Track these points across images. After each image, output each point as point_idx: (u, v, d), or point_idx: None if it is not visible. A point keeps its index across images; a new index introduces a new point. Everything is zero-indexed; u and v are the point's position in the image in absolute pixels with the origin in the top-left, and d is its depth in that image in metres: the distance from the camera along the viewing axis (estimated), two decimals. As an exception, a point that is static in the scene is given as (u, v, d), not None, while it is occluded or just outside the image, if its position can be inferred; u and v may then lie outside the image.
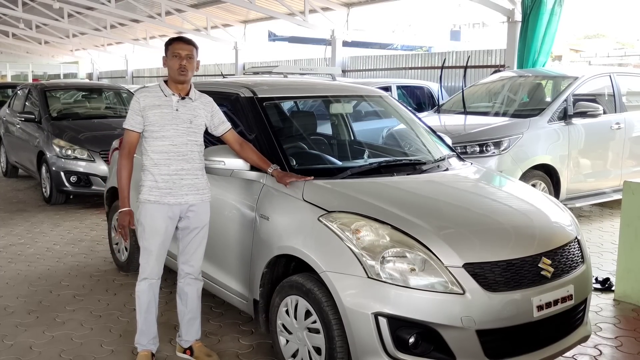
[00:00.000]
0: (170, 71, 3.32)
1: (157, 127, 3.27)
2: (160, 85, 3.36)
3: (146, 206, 3.34)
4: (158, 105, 3.29)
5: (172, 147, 3.30)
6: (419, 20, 49.60)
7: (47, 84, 9.80)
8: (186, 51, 3.29)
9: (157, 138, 3.28)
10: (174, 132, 3.29)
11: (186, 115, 3.32)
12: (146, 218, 3.35)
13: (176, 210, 3.36)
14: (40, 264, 5.47)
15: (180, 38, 3.37)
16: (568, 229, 3.33)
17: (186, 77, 3.30)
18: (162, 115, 3.28)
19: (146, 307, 3.45)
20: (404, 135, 4.51)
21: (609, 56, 29.08)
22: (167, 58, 3.34)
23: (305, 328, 3.10)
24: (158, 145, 3.29)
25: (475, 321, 2.75)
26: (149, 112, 3.27)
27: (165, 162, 3.30)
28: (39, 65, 38.93)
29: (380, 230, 2.94)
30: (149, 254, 3.38)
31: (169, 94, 3.32)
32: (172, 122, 3.29)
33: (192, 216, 3.40)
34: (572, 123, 6.92)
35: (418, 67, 13.89)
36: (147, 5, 19.63)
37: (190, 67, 3.30)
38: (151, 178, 3.32)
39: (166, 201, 3.32)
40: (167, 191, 3.31)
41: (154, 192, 3.32)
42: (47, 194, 8.13)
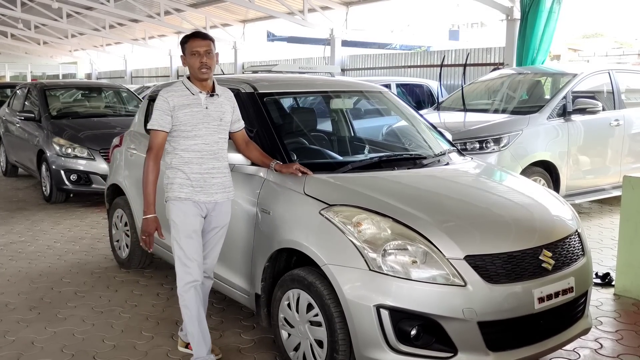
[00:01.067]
0: (191, 70, 3.24)
1: (189, 127, 3.19)
2: (184, 83, 3.27)
3: (177, 204, 3.24)
4: (187, 104, 3.20)
5: (205, 146, 3.23)
6: (417, 20, 49.62)
7: (47, 83, 9.80)
8: (204, 47, 3.21)
9: (189, 137, 3.21)
10: (206, 131, 3.23)
11: (216, 113, 3.27)
12: (179, 216, 3.23)
13: (204, 208, 3.29)
14: (41, 262, 5.47)
15: (196, 34, 3.28)
16: (569, 222, 3.35)
17: (209, 74, 3.24)
18: (193, 115, 3.20)
19: (197, 314, 3.27)
20: (404, 130, 4.53)
21: (608, 55, 29.12)
22: (185, 57, 3.26)
23: (307, 321, 3.11)
24: (190, 145, 3.21)
25: (476, 313, 2.76)
26: (179, 112, 3.18)
27: (197, 161, 3.23)
28: (37, 66, 38.94)
29: (381, 223, 2.95)
30: (187, 255, 3.23)
31: (196, 92, 3.24)
32: (203, 120, 3.22)
33: (216, 215, 3.34)
34: (572, 120, 6.93)
35: (417, 66, 13.92)
36: (146, 5, 19.65)
37: (211, 63, 3.23)
38: (182, 176, 3.23)
39: (197, 199, 3.24)
40: (199, 189, 3.24)
41: (185, 190, 3.23)
42: (47, 192, 8.13)
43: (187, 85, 3.26)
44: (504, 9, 10.86)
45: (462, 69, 12.29)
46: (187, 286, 3.24)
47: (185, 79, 3.31)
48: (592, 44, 39.41)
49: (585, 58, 23.91)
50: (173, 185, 3.25)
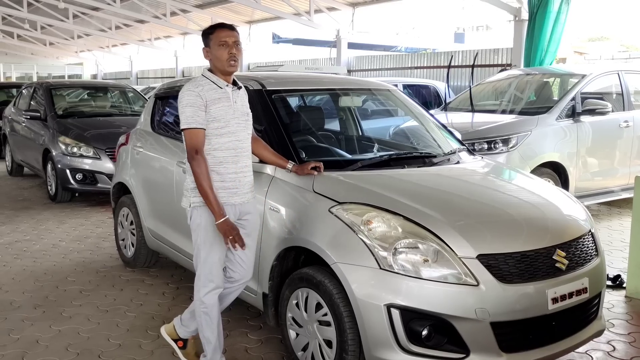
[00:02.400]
0: (217, 62, 3.01)
1: (222, 122, 2.99)
2: (208, 77, 3.05)
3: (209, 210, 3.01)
4: (219, 98, 2.99)
5: (239, 143, 3.06)
6: (422, 23, 49.54)
7: (53, 82, 9.79)
8: (233, 38, 3.00)
9: (222, 135, 3.00)
10: (237, 127, 3.05)
11: (242, 107, 3.11)
12: (209, 222, 3.02)
13: (237, 210, 3.11)
14: (46, 260, 5.44)
15: (223, 25, 3.06)
16: (582, 222, 3.29)
17: (236, 66, 3.04)
18: (226, 110, 3.00)
19: (217, 321, 3.17)
20: (414, 129, 4.48)
21: (614, 59, 29.02)
22: (210, 49, 3.03)
23: (315, 321, 3.06)
24: (224, 142, 3.01)
25: (489, 313, 2.71)
26: (213, 107, 2.96)
27: (233, 160, 3.04)
28: (43, 67, 39.02)
29: (392, 221, 2.90)
30: (214, 263, 3.08)
31: (223, 86, 3.03)
32: (234, 115, 3.04)
33: (249, 218, 3.18)
34: (581, 121, 6.86)
35: (424, 67, 13.87)
36: (152, 6, 19.66)
37: (240, 55, 3.03)
38: (217, 178, 3.01)
39: (232, 201, 3.06)
40: (234, 190, 3.07)
41: (221, 193, 3.02)
42: (52, 191, 8.11)
43: (213, 79, 3.03)
44: (511, 9, 10.80)
45: (468, 70, 12.25)
46: (212, 294, 3.11)
47: (207, 72, 3.08)
48: (598, 47, 39.32)
49: (591, 61, 23.85)
50: None
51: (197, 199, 3.03)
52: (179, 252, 4.37)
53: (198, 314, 3.16)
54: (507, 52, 11.68)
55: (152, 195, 4.71)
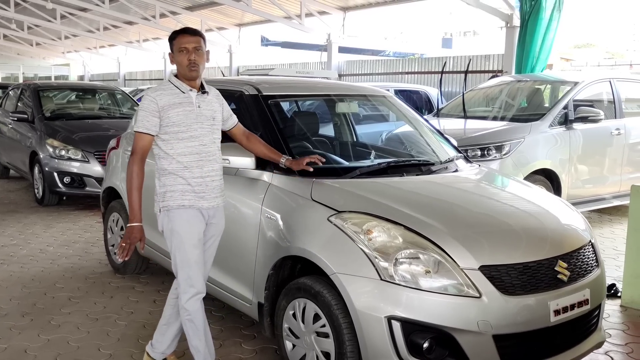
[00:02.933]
0: (179, 68, 3.04)
1: (183, 127, 2.99)
2: (172, 82, 3.07)
3: (181, 213, 3.03)
4: (179, 103, 2.99)
5: (202, 148, 3.05)
6: (410, 28, 49.75)
7: (41, 84, 9.65)
8: (193, 44, 3.01)
9: (184, 139, 3.00)
10: (201, 131, 3.04)
11: (208, 112, 3.09)
12: (183, 226, 3.02)
13: (205, 215, 3.11)
14: (34, 266, 5.33)
15: (185, 30, 3.08)
16: (583, 232, 3.26)
17: (198, 71, 3.03)
18: (187, 114, 3.00)
19: (203, 327, 3.12)
20: (410, 135, 4.43)
21: (600, 65, 29.30)
22: (173, 54, 3.06)
23: (313, 332, 2.99)
24: (187, 147, 3.01)
25: (492, 325, 2.66)
26: (171, 111, 2.97)
27: (197, 164, 3.04)
28: (30, 67, 38.64)
29: (392, 231, 2.85)
30: (192, 266, 3.05)
31: (186, 90, 3.04)
32: (197, 120, 3.03)
33: (216, 222, 3.18)
34: (573, 128, 6.87)
35: (414, 72, 13.86)
36: (141, 7, 19.52)
37: (201, 60, 3.02)
38: (182, 182, 3.01)
39: (200, 205, 3.05)
40: (202, 195, 3.05)
41: (188, 196, 3.02)
42: (39, 195, 7.97)
43: (177, 84, 3.05)
44: (503, 16, 10.82)
45: (460, 76, 12.27)
46: (193, 299, 3.07)
47: (172, 77, 3.10)
48: (584, 54, 39.70)
49: (578, 68, 24.06)
50: (174, 193, 3.03)
51: (166, 202, 3.04)
52: (167, 257, 4.28)
53: (183, 322, 3.12)
54: (499, 59, 11.70)
55: (143, 201, 4.60)
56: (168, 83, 3.08)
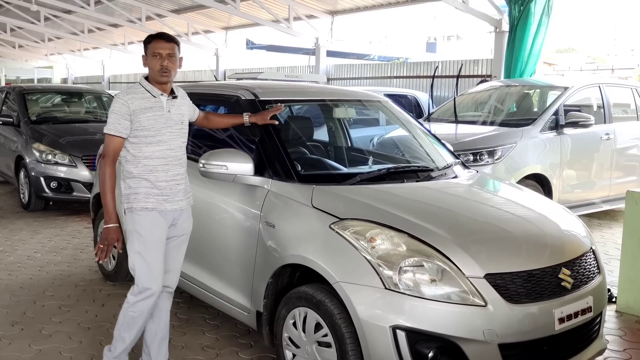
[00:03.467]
0: (151, 72, 3.07)
1: (152, 131, 3.03)
2: (144, 85, 3.09)
3: (143, 215, 3.07)
4: (149, 107, 3.03)
5: (170, 152, 3.09)
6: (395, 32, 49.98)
7: (26, 87, 9.49)
8: (167, 50, 3.04)
9: (153, 143, 3.04)
10: (170, 136, 3.09)
11: (177, 116, 3.14)
12: (145, 227, 3.06)
13: (170, 217, 3.15)
14: (22, 273, 5.21)
15: (161, 35, 3.11)
16: (584, 239, 3.25)
17: (169, 77, 3.07)
18: (156, 119, 3.04)
19: (141, 325, 3.17)
20: (407, 141, 4.40)
21: (582, 70, 29.57)
22: (146, 57, 3.09)
23: (314, 342, 2.94)
24: (155, 151, 3.05)
25: (497, 334, 2.63)
26: (142, 116, 3.00)
27: (163, 168, 3.08)
28: (12, 70, 38.13)
29: (396, 239, 2.81)
30: (151, 267, 3.07)
31: (157, 95, 3.07)
32: (167, 124, 3.07)
33: (182, 222, 3.22)
34: (564, 133, 6.89)
35: (403, 76, 13.85)
36: (127, 10, 19.33)
37: (173, 67, 3.06)
38: (147, 185, 3.06)
39: (164, 208, 3.10)
40: (165, 198, 3.10)
41: (151, 199, 3.08)
42: (25, 200, 7.83)
43: (148, 88, 3.08)
44: (492, 21, 10.85)
45: (448, 80, 12.29)
46: (148, 300, 3.09)
47: (143, 80, 3.11)
48: (566, 58, 40.08)
49: (560, 72, 24.25)
50: (138, 195, 3.07)
51: (130, 203, 3.09)
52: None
53: (124, 314, 3.14)
54: (487, 63, 11.73)
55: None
56: (139, 86, 3.10)
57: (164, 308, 3.30)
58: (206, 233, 3.73)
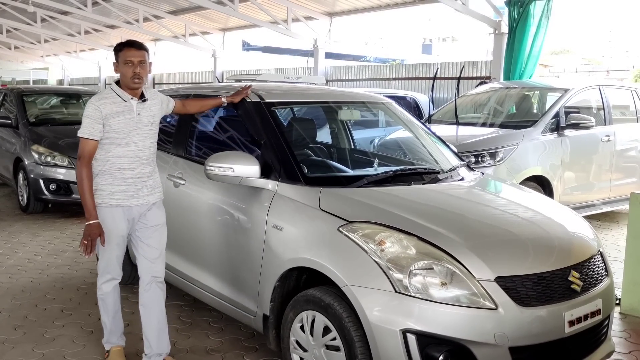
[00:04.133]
0: (123, 78, 3.23)
1: (122, 134, 3.21)
2: (115, 90, 3.26)
3: (106, 210, 3.25)
4: (120, 112, 3.20)
5: (138, 152, 3.28)
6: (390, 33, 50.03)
7: (24, 89, 9.44)
8: (139, 57, 3.21)
9: (122, 145, 3.22)
10: (139, 137, 3.27)
11: (147, 118, 3.31)
12: (107, 221, 3.25)
13: (136, 212, 3.32)
14: (23, 276, 5.17)
15: (131, 43, 3.26)
16: (592, 242, 3.24)
17: (141, 84, 3.23)
18: (127, 122, 3.21)
19: (113, 308, 3.46)
20: (412, 143, 4.39)
21: (577, 71, 29.61)
22: (118, 64, 3.25)
23: (322, 345, 2.92)
24: (123, 151, 3.23)
25: (508, 338, 2.62)
26: (112, 120, 3.18)
27: (130, 167, 3.26)
28: (7, 71, 37.95)
29: (405, 242, 2.79)
30: (110, 257, 3.34)
31: (128, 99, 3.24)
32: (136, 127, 3.25)
33: (150, 215, 3.38)
34: (564, 135, 6.90)
35: (402, 78, 13.85)
36: (124, 11, 19.29)
37: (144, 73, 3.23)
38: (113, 182, 3.24)
39: (128, 204, 3.28)
40: (130, 194, 3.28)
41: (117, 196, 3.25)
42: (24, 202, 7.79)
43: (119, 93, 3.25)
44: (491, 22, 10.86)
45: (447, 82, 12.29)
46: (108, 283, 3.41)
47: (114, 85, 3.29)
48: (561, 60, 40.20)
49: (556, 74, 24.32)
50: (103, 192, 3.24)
51: (100, 200, 3.25)
52: (167, 269, 4.17)
53: (98, 299, 3.47)
54: (487, 65, 11.73)
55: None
56: (110, 91, 3.27)
57: (156, 298, 3.43)
58: (212, 236, 3.71)
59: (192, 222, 3.91)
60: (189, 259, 3.97)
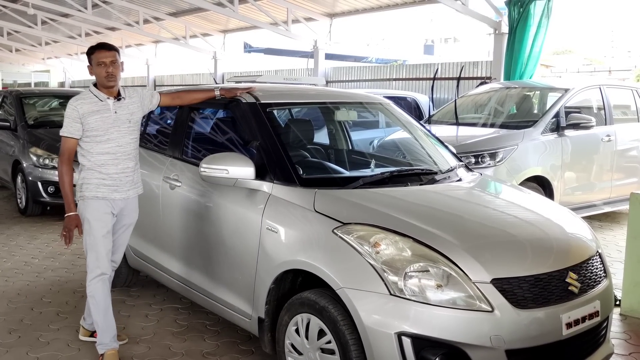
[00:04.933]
0: (98, 79, 3.45)
1: (100, 131, 3.40)
2: (92, 91, 3.47)
3: (93, 203, 3.44)
4: (97, 110, 3.40)
5: (119, 148, 3.47)
6: (392, 34, 50.00)
7: (23, 91, 9.43)
8: (110, 58, 3.42)
9: (102, 142, 3.42)
10: (118, 134, 3.46)
11: (124, 116, 3.50)
12: (93, 214, 3.44)
13: (118, 205, 3.52)
14: (19, 279, 5.15)
15: (101, 46, 3.50)
16: (590, 243, 3.20)
17: (115, 82, 3.44)
18: (104, 120, 3.41)
19: (104, 305, 3.52)
20: (409, 143, 4.35)
21: (579, 72, 29.55)
22: (92, 67, 3.47)
23: (317, 349, 2.89)
24: (104, 148, 3.43)
25: (504, 340, 2.58)
26: (89, 118, 3.37)
27: (113, 162, 3.46)
28: (8, 74, 38.02)
29: (400, 244, 2.76)
30: (98, 250, 3.47)
31: (104, 99, 3.44)
32: (114, 124, 3.44)
33: (127, 212, 3.59)
34: (565, 135, 6.86)
35: (402, 78, 13.81)
36: (124, 13, 19.30)
37: (117, 72, 3.44)
38: (98, 176, 3.44)
39: (113, 197, 3.48)
40: (115, 188, 3.48)
41: (102, 189, 3.45)
42: (22, 205, 7.77)
43: (95, 93, 3.45)
44: (492, 22, 10.83)
45: (448, 83, 12.26)
46: (97, 279, 3.49)
47: (92, 87, 3.49)
48: (563, 60, 40.07)
49: (558, 74, 24.22)
50: (90, 185, 3.44)
51: (82, 192, 3.46)
52: (164, 271, 4.17)
53: (88, 298, 3.55)
54: (487, 65, 11.69)
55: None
56: (88, 92, 3.48)
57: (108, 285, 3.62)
58: (207, 238, 3.68)
59: (187, 224, 3.88)
60: (185, 262, 3.94)
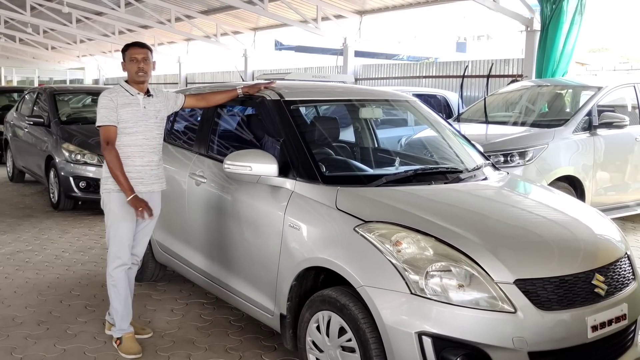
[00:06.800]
0: (129, 74, 3.59)
1: (130, 123, 3.53)
2: (123, 86, 3.60)
3: (118, 195, 3.52)
4: (128, 103, 3.54)
5: (145, 141, 3.59)
6: (424, 32, 49.49)
7: (57, 88, 9.62)
8: (142, 54, 3.57)
9: (130, 134, 3.54)
10: (145, 127, 3.58)
11: (152, 112, 3.63)
12: (117, 205, 3.54)
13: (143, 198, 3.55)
14: (49, 272, 5.26)
15: (136, 43, 3.66)
16: (619, 244, 3.13)
17: (145, 77, 3.58)
18: (134, 113, 3.54)
19: (124, 293, 3.64)
20: (435, 141, 4.31)
21: (615, 70, 28.84)
22: (125, 63, 3.62)
23: (338, 346, 2.89)
24: (132, 140, 3.54)
25: (527, 342, 2.55)
26: (122, 110, 3.51)
27: (139, 154, 3.57)
28: (45, 71, 38.86)
29: (422, 243, 2.74)
30: (122, 241, 3.58)
31: (135, 93, 3.58)
32: (143, 118, 3.57)
33: (151, 206, 3.57)
34: (597, 134, 6.71)
35: (432, 76, 13.68)
36: (157, 11, 19.53)
37: (148, 69, 3.58)
38: (124, 169, 3.50)
39: (138, 190, 3.53)
40: (139, 181, 3.57)
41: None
42: (55, 199, 7.93)
43: (126, 88, 3.60)
44: (524, 20, 10.65)
45: (478, 80, 12.11)
46: (119, 268, 3.61)
47: (123, 82, 3.64)
48: (599, 58, 39.19)
49: (593, 72, 23.72)
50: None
51: (108, 185, 3.55)
52: (189, 267, 4.21)
53: (108, 287, 3.67)
54: (518, 63, 11.51)
55: (162, 207, 4.53)
56: (120, 87, 3.62)
57: (131, 276, 3.76)
58: (230, 234, 3.71)
59: (211, 220, 3.91)
60: (209, 257, 3.97)
